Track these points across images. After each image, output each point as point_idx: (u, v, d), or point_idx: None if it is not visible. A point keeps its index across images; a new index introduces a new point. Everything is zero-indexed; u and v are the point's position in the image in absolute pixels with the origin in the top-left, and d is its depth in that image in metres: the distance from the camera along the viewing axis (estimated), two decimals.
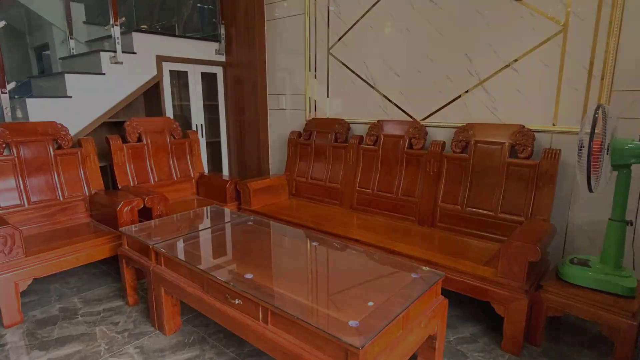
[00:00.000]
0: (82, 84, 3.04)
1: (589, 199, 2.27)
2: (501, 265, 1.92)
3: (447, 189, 2.62)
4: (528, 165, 2.31)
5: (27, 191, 2.65)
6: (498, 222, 2.40)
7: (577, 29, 2.18)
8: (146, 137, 3.25)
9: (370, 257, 1.92)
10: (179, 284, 1.89)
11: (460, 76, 2.64)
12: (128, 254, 2.25)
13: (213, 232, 2.27)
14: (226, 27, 3.88)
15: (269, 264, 1.85)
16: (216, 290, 1.70)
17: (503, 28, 2.43)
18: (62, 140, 2.82)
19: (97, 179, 2.97)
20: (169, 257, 1.96)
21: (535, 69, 2.35)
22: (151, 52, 3.42)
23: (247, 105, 3.91)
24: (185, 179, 3.47)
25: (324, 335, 1.31)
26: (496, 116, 2.54)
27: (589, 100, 2.20)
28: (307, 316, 1.38)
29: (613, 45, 2.08)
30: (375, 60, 3.03)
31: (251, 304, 1.55)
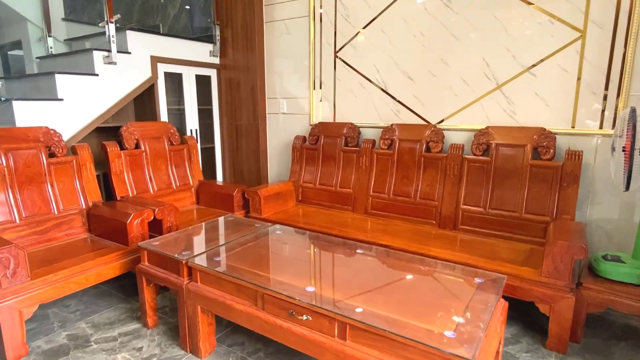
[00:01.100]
0: (75, 85, 2.76)
1: (606, 197, 2.37)
2: (546, 264, 1.94)
3: (469, 192, 2.65)
4: (552, 167, 2.39)
5: (18, 205, 2.35)
6: (523, 223, 2.45)
7: (596, 36, 2.29)
8: (144, 143, 3.02)
9: (422, 263, 1.88)
10: (223, 301, 1.74)
11: (477, 80, 2.68)
12: (149, 271, 2.05)
13: (244, 243, 2.12)
14: (221, 28, 3.71)
15: (324, 275, 1.75)
16: (276, 306, 1.58)
17: (521, 33, 2.50)
18: (55, 147, 2.54)
19: (94, 190, 2.70)
20: (208, 272, 1.80)
21: (554, 74, 2.44)
22: (145, 52, 3.19)
23: (245, 109, 3.76)
24: (184, 187, 3.26)
25: (424, 349, 1.24)
26: (514, 119, 2.60)
27: (608, 102, 2.31)
28: (396, 329, 1.31)
29: (631, 52, 2.20)
30: (387, 64, 3.02)
31: (324, 319, 1.45)
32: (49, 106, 2.64)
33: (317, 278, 1.70)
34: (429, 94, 2.88)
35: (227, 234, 2.30)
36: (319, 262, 1.89)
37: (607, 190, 2.37)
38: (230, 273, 1.73)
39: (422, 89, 2.90)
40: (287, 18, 3.47)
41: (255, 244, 2.12)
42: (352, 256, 1.97)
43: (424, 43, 2.84)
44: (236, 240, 2.16)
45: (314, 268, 1.81)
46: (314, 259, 1.94)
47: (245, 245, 2.09)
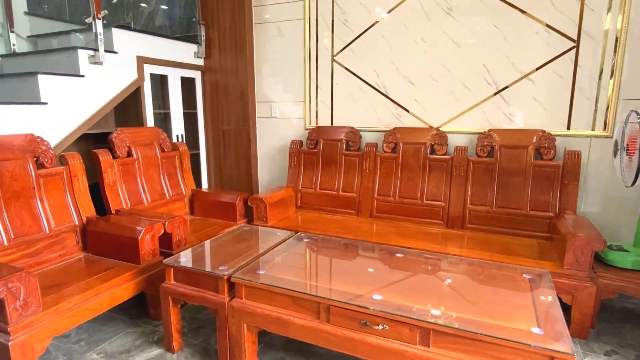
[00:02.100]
0: (59, 87, 2.46)
1: (597, 193, 2.61)
2: (567, 257, 2.09)
3: (475, 192, 2.77)
4: (553, 166, 2.57)
5: (5, 224, 2.04)
6: (528, 219, 2.61)
7: (588, 45, 2.51)
8: (136, 151, 2.78)
9: (460, 263, 1.93)
10: (277, 316, 1.65)
11: (478, 85, 2.82)
12: (178, 290, 1.89)
13: (278, 253, 2.03)
14: (206, 28, 3.53)
15: (379, 281, 1.72)
16: (345, 317, 1.53)
17: (520, 42, 2.67)
18: (44, 157, 2.24)
19: (87, 204, 2.43)
20: (257, 286, 1.70)
21: (550, 80, 2.63)
22: (131, 52, 2.94)
23: (233, 113, 3.61)
24: (177, 197, 3.05)
25: (518, 347, 1.27)
26: (514, 122, 2.77)
27: (599, 106, 2.54)
28: (482, 330, 1.33)
29: (619, 61, 2.44)
30: (387, 69, 3.06)
31: (402, 327, 1.43)
32: (31, 111, 2.34)
33: (373, 285, 1.67)
34: (431, 98, 2.97)
35: (255, 245, 2.19)
36: (365, 269, 1.86)
37: (598, 186, 2.60)
38: (285, 286, 1.65)
39: (423, 93, 2.99)
40: (279, 20, 3.40)
41: (291, 254, 2.03)
42: (393, 261, 1.96)
43: (425, 49, 2.93)
44: (270, 251, 2.06)
45: (364, 275, 1.78)
46: (359, 266, 1.90)
47: (281, 255, 2.00)
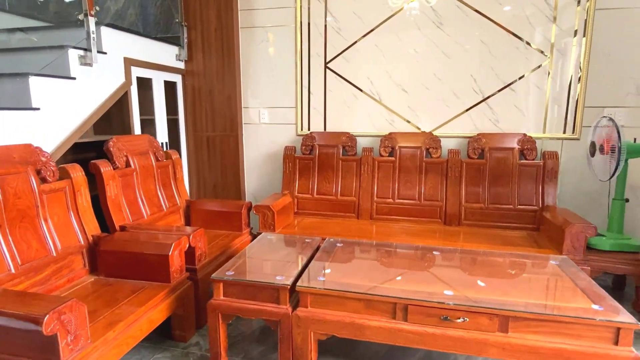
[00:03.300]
0: (52, 91, 2.18)
1: (569, 187, 3.01)
2: (566, 243, 2.40)
3: (469, 191, 3.02)
4: (536, 165, 2.92)
5: (11, 250, 1.76)
6: (517, 213, 2.92)
7: (559, 60, 2.91)
8: (133, 160, 2.55)
9: (486, 255, 2.12)
10: (351, 321, 1.67)
11: (466, 93, 3.09)
12: (231, 305, 1.80)
13: (323, 259, 2.03)
14: (189, 29, 3.36)
15: (435, 277, 1.83)
16: (423, 315, 1.60)
17: (503, 55, 2.99)
18: (45, 170, 1.97)
19: (92, 221, 2.18)
20: (327, 293, 1.69)
21: (528, 89, 2.99)
22: (119, 53, 2.70)
23: (219, 119, 3.47)
24: (174, 208, 2.86)
25: (589, 322, 1.46)
26: (498, 127, 3.08)
27: (569, 112, 2.95)
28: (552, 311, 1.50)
29: (584, 74, 2.87)
30: (381, 77, 3.21)
31: (482, 317, 1.55)
32: (23, 117, 2.04)
33: (434, 281, 1.77)
34: (423, 105, 3.18)
35: (292, 253, 2.15)
36: (415, 267, 1.95)
37: (570, 182, 3.01)
38: (354, 290, 1.67)
39: (416, 100, 3.18)
40: (268, 25, 3.36)
41: (337, 259, 2.04)
42: (433, 258, 2.08)
43: (418, 59, 3.13)
44: (314, 258, 2.05)
45: (417, 273, 1.87)
46: (407, 265, 1.99)
47: (328, 261, 2.01)
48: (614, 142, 2.48)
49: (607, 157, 2.54)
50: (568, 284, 1.74)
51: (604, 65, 2.83)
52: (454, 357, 2.01)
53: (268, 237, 2.40)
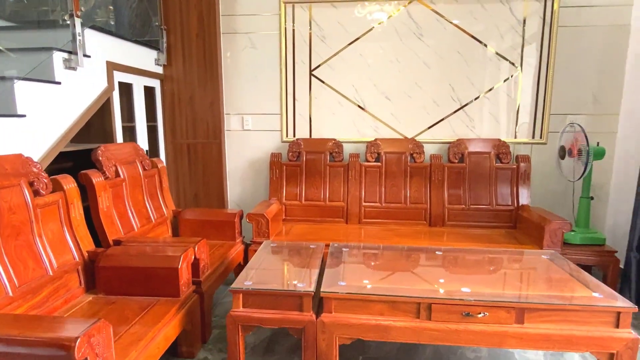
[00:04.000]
0: (37, 96, 2.01)
1: (538, 188, 3.28)
2: (546, 239, 2.61)
3: (451, 193, 3.19)
4: (511, 168, 3.15)
5: (7, 270, 1.60)
6: (495, 213, 3.13)
7: (528, 71, 3.18)
8: (122, 170, 2.42)
9: (481, 253, 2.27)
10: (376, 323, 1.71)
11: (445, 101, 3.27)
12: (252, 316, 1.77)
13: (335, 264, 2.05)
14: (168, 33, 3.24)
15: (451, 276, 1.92)
16: (446, 312, 1.68)
17: (478, 66, 3.21)
18: (38, 182, 1.81)
19: (86, 236, 2.04)
20: (352, 297, 1.72)
21: (501, 98, 3.23)
22: (102, 57, 2.55)
23: (200, 126, 3.38)
24: (161, 220, 2.73)
25: (594, 309, 1.62)
26: (474, 133, 3.30)
27: (537, 119, 3.22)
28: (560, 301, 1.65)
29: (550, 84, 3.15)
30: (365, 85, 3.30)
31: (501, 311, 1.66)
32: (8, 125, 1.86)
33: (449, 280, 1.87)
34: (405, 112, 3.32)
35: (303, 260, 2.15)
36: (425, 268, 2.04)
37: (539, 183, 3.27)
38: (378, 292, 1.72)
39: (399, 107, 3.31)
40: (252, 32, 3.33)
41: (349, 264, 2.08)
42: (439, 258, 2.19)
43: (400, 68, 3.26)
44: (328, 264, 2.06)
45: (430, 273, 1.96)
46: (418, 266, 2.07)
47: (340, 266, 2.03)
48: (581, 146, 2.76)
49: (575, 159, 2.82)
50: (565, 276, 1.91)
51: (566, 77, 3.13)
52: (460, 352, 2.12)
53: (271, 245, 2.37)
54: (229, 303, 2.69)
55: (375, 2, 3.20)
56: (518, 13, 3.11)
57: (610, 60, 3.07)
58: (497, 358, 2.07)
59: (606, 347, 1.62)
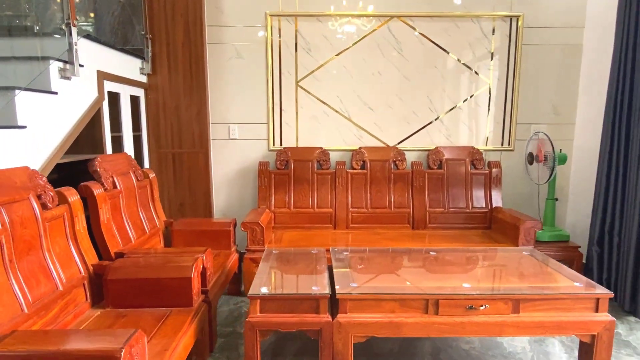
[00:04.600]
0: (37, 107, 1.95)
1: (507, 190, 3.58)
2: (520, 238, 2.87)
3: (432, 197, 3.40)
4: (484, 173, 3.42)
5: (22, 287, 1.55)
6: (472, 215, 3.38)
7: (497, 85, 3.48)
8: (118, 181, 2.38)
9: (469, 252, 2.47)
10: (389, 321, 1.83)
11: (424, 112, 3.49)
12: (270, 321, 1.83)
13: (341, 267, 2.15)
14: (153, 42, 3.22)
15: (450, 272, 2.09)
16: (452, 306, 1.83)
17: (452, 80, 3.46)
18: (45, 196, 1.77)
19: (89, 249, 2.00)
20: (366, 297, 1.83)
21: (474, 109, 3.50)
22: (93, 66, 2.50)
23: (186, 135, 3.36)
24: (154, 231, 2.71)
25: (578, 296, 1.84)
26: (450, 141, 3.54)
27: (505, 128, 3.52)
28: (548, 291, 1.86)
29: (516, 97, 3.47)
30: (350, 95, 3.45)
31: (500, 302, 1.84)
32: (9, 136, 1.80)
33: (450, 276, 2.03)
34: (387, 122, 3.50)
35: (308, 265, 2.22)
36: (426, 266, 2.20)
37: (508, 186, 3.57)
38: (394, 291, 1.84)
39: (381, 117, 3.49)
40: (238, 42, 3.38)
41: (355, 265, 2.19)
42: (434, 258, 2.35)
43: (382, 81, 3.45)
44: (335, 267, 2.15)
45: (432, 271, 2.12)
46: (418, 265, 2.22)
47: (350, 269, 2.13)
48: (547, 152, 3.07)
49: (542, 165, 3.13)
50: (546, 269, 2.14)
51: (529, 90, 3.46)
52: (455, 344, 2.29)
53: (274, 252, 2.43)
54: (226, 312, 2.70)
55: (357, 18, 3.37)
56: (487, 31, 3.41)
57: (567, 75, 3.44)
58: (488, 348, 2.25)
59: (589, 329, 1.84)
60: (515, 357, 2.17)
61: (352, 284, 1.93)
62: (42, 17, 2.44)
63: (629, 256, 2.65)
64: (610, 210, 2.84)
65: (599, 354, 1.84)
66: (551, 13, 3.38)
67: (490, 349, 2.24)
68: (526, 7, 3.36)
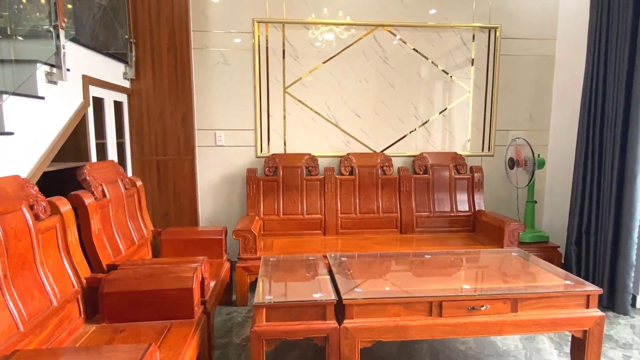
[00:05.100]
0: (24, 112, 1.85)
1: (487, 194, 3.72)
2: (505, 239, 2.99)
3: (418, 202, 3.48)
4: (467, 178, 3.54)
5: (17, 304, 1.45)
6: (456, 218, 3.48)
7: (477, 93, 3.62)
8: (107, 190, 2.28)
9: (461, 254, 2.55)
10: (395, 325, 1.85)
11: (408, 119, 3.58)
12: (276, 329, 1.80)
13: (343, 273, 2.16)
14: (137, 47, 3.13)
15: (447, 275, 2.14)
16: (455, 308, 1.88)
17: (436, 88, 3.57)
18: (38, 206, 1.67)
19: (82, 262, 1.90)
20: (372, 302, 1.84)
21: (456, 116, 3.62)
22: (78, 70, 2.40)
23: (171, 142, 3.28)
24: (142, 241, 2.61)
25: (571, 294, 1.94)
26: (434, 147, 3.64)
27: (485, 134, 3.66)
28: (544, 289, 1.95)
29: (495, 104, 3.62)
30: (337, 102, 3.49)
31: (499, 302, 1.90)
32: None
33: (447, 278, 2.08)
34: (374, 128, 3.56)
35: (309, 272, 2.21)
36: (424, 270, 2.24)
37: (488, 189, 3.71)
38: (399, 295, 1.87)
39: (368, 124, 3.55)
40: (224, 48, 3.35)
41: (355, 271, 2.19)
42: (429, 261, 2.40)
43: (368, 88, 3.51)
44: (337, 273, 2.15)
45: (431, 274, 2.16)
46: (417, 268, 2.26)
47: (352, 274, 2.14)
48: (526, 157, 3.21)
49: (522, 169, 3.27)
50: (537, 269, 2.24)
51: (507, 98, 3.63)
52: (452, 345, 2.34)
53: (271, 260, 2.40)
54: (219, 322, 2.63)
55: (344, 27, 3.42)
56: (467, 42, 3.55)
57: (542, 84, 3.63)
58: (483, 347, 2.32)
59: (581, 325, 1.93)
60: (510, 355, 2.25)
61: (357, 289, 1.94)
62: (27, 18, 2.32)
63: (605, 255, 2.81)
64: (587, 212, 3.00)
65: (591, 348, 1.94)
66: (526, 25, 3.56)
67: (485, 349, 2.31)
68: (503, 19, 3.53)
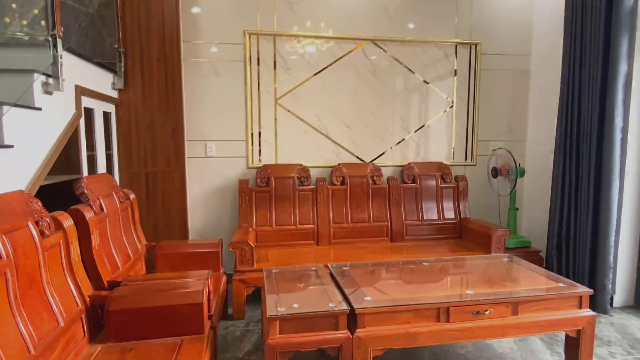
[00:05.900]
0: (23, 124, 1.77)
1: (471, 202, 3.87)
2: (492, 245, 3.12)
3: (407, 210, 3.57)
4: (452, 187, 3.67)
5: (27, 326, 1.38)
6: (443, 226, 3.60)
7: (460, 106, 3.78)
8: (104, 204, 2.21)
9: (456, 260, 2.65)
10: (405, 332, 1.89)
11: (397, 130, 3.69)
12: (291, 341, 1.81)
13: (351, 283, 2.18)
14: (126, 55, 3.06)
15: (447, 281, 2.21)
16: (461, 312, 1.95)
17: (422, 100, 3.71)
18: (42, 222, 1.60)
19: (84, 279, 1.83)
20: (383, 310, 1.88)
21: (440, 128, 3.77)
22: (71, 80, 2.32)
23: (161, 153, 3.20)
24: (137, 256, 2.53)
25: (566, 295, 2.05)
26: (421, 157, 3.76)
27: (468, 145, 3.82)
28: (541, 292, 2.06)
29: (477, 116, 3.80)
30: (327, 113, 3.54)
31: (501, 306, 1.99)
32: None
33: (448, 284, 2.15)
34: (363, 139, 3.64)
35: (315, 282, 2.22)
36: (425, 276, 2.30)
37: (471, 197, 3.86)
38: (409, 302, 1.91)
39: (357, 135, 3.62)
40: (215, 59, 3.34)
41: (361, 280, 2.22)
42: (428, 268, 2.47)
43: (358, 100, 3.59)
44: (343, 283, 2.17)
45: (433, 280, 2.23)
46: (418, 275, 2.32)
47: (358, 283, 2.17)
48: (509, 167, 3.38)
49: (503, 178, 3.44)
50: (530, 273, 2.36)
51: (488, 110, 3.81)
52: (452, 349, 2.41)
53: (274, 272, 2.39)
54: (218, 337, 2.58)
55: (334, 40, 3.49)
56: (451, 56, 3.71)
57: (519, 98, 3.84)
58: (482, 350, 2.40)
59: (575, 324, 2.05)
60: (507, 357, 2.34)
61: (366, 298, 1.97)
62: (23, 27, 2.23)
63: (584, 258, 2.99)
64: (566, 220, 3.19)
65: (584, 347, 2.06)
66: (503, 42, 3.77)
67: (483, 352, 2.39)
68: (483, 35, 3.72)
